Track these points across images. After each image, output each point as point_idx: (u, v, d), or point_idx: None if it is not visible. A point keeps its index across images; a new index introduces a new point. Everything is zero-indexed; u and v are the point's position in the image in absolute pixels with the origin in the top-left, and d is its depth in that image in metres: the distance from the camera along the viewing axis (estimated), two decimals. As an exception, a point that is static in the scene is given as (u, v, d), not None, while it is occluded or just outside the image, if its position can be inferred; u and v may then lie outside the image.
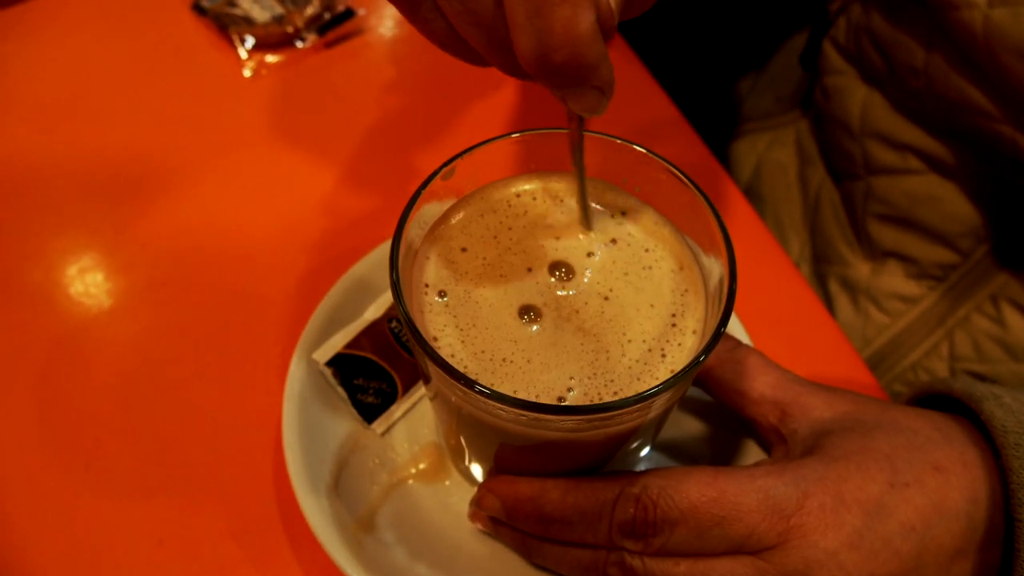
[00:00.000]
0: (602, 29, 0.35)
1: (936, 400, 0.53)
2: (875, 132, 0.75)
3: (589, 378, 0.43)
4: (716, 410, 0.59)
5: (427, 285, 0.45)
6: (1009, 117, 0.61)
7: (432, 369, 0.42)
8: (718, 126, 0.98)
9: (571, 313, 0.45)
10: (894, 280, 0.78)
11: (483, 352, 0.43)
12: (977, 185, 0.69)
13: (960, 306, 0.73)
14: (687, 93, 0.85)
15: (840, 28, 0.78)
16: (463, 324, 0.44)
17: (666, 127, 0.79)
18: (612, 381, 0.43)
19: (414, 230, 0.45)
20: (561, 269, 0.46)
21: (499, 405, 0.39)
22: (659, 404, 0.42)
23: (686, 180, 0.46)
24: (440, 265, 0.46)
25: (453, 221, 0.48)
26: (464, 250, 0.47)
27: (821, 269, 0.84)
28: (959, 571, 0.46)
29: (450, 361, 0.40)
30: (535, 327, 0.44)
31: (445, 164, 0.45)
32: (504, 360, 0.43)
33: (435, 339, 0.43)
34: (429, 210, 0.47)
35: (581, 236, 0.48)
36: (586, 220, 0.48)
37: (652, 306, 0.45)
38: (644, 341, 0.44)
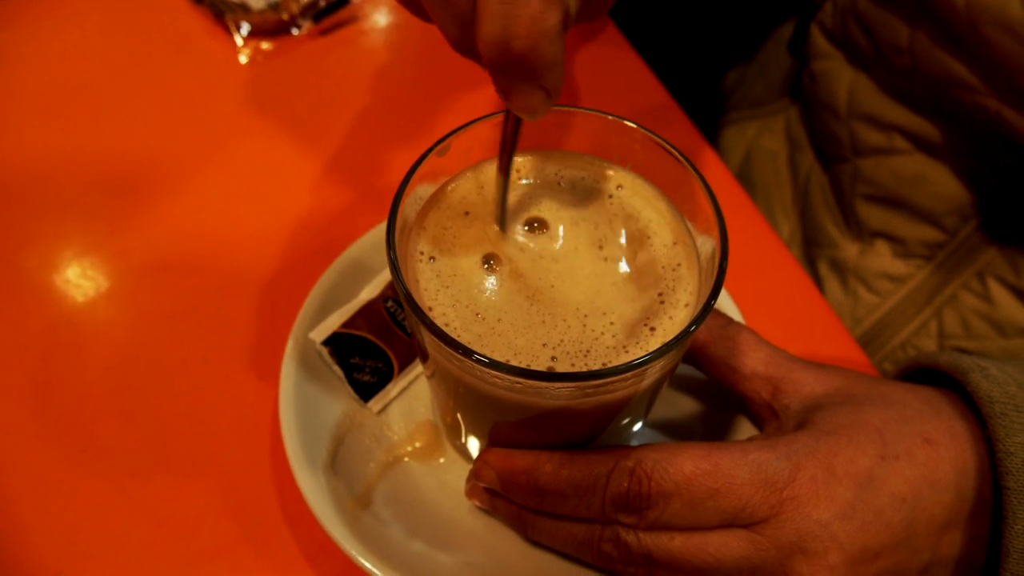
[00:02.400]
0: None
1: (924, 375, 0.53)
2: (862, 114, 0.75)
3: (580, 349, 0.43)
4: (709, 388, 0.60)
5: (422, 252, 0.46)
6: (992, 89, 0.62)
7: (429, 340, 0.43)
8: (709, 115, 0.99)
9: (565, 283, 0.45)
10: (882, 260, 0.78)
11: (478, 316, 0.44)
12: (962, 163, 0.70)
13: (948, 284, 0.74)
14: (678, 83, 0.86)
15: (827, 12, 0.78)
16: (460, 297, 0.44)
17: (658, 112, 0.80)
18: (603, 352, 0.43)
19: (410, 204, 0.46)
20: (556, 241, 0.47)
21: (495, 373, 0.39)
22: (651, 374, 0.43)
23: (679, 156, 0.46)
24: (436, 233, 0.47)
25: (449, 192, 0.49)
26: (465, 212, 0.47)
27: (811, 251, 0.85)
28: (949, 541, 0.47)
29: (445, 330, 0.41)
30: (530, 294, 0.44)
31: (440, 141, 0.46)
32: (493, 328, 0.43)
33: (430, 309, 0.44)
34: (424, 189, 0.47)
35: (586, 243, 0.48)
36: (502, 222, 0.47)
37: (645, 279, 0.46)
38: (635, 313, 0.45)
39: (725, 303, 0.62)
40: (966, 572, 0.47)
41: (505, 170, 0.45)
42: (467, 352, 0.39)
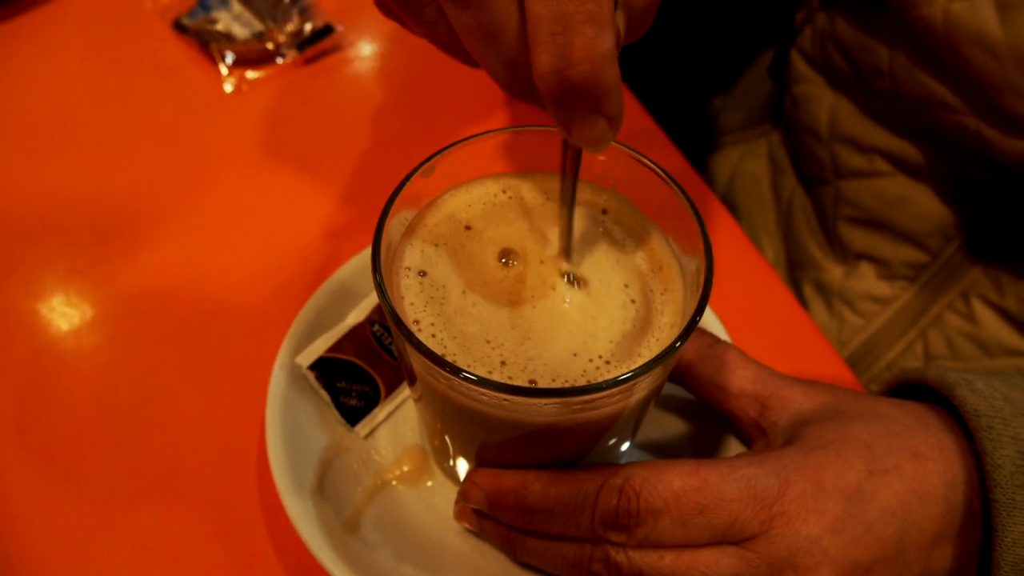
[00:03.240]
0: None
1: (910, 392, 0.54)
2: (843, 137, 0.76)
3: (565, 367, 0.43)
4: (696, 408, 0.60)
5: (408, 268, 0.46)
6: (972, 109, 0.63)
7: (415, 358, 0.43)
8: (693, 142, 1.00)
9: (550, 306, 0.45)
10: (866, 282, 0.79)
11: (463, 333, 0.44)
12: (944, 184, 0.71)
13: (932, 305, 0.75)
14: (663, 112, 0.87)
15: (806, 37, 0.80)
16: (447, 315, 0.44)
17: (642, 136, 0.81)
18: (589, 371, 0.43)
19: (395, 225, 0.46)
20: (540, 263, 0.47)
21: (481, 390, 0.39)
22: (638, 390, 0.43)
23: (664, 176, 0.47)
24: (422, 250, 0.47)
25: (431, 216, 0.49)
26: (437, 245, 0.47)
27: (795, 274, 0.86)
28: (940, 556, 0.46)
29: (429, 343, 0.41)
30: (515, 313, 0.45)
31: (425, 161, 0.46)
32: (479, 346, 0.43)
33: (416, 322, 0.44)
34: (408, 210, 0.48)
35: (564, 265, 0.48)
36: (567, 253, 0.47)
37: (632, 303, 0.46)
38: (621, 333, 0.45)
39: (712, 323, 0.62)
40: (957, 587, 0.47)
41: (569, 202, 0.45)
42: (454, 370, 0.39)
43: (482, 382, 0.39)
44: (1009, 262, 0.69)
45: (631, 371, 0.39)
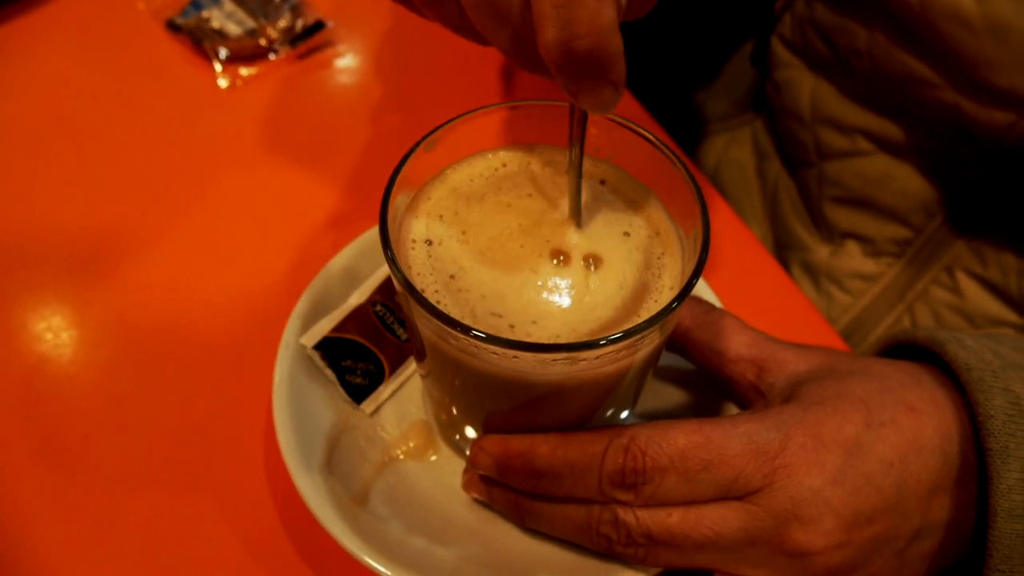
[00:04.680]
0: None
1: (901, 354, 0.55)
2: (825, 118, 0.78)
3: (568, 326, 0.44)
4: (694, 379, 0.61)
5: (414, 240, 0.47)
6: (950, 83, 0.65)
7: (425, 324, 0.44)
8: (677, 133, 1.01)
9: (554, 271, 0.46)
10: (853, 260, 0.81)
11: (471, 297, 0.45)
12: (925, 161, 0.73)
13: (918, 280, 0.77)
14: (646, 103, 0.88)
15: (786, 24, 0.82)
16: (453, 280, 0.45)
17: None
18: (592, 333, 0.44)
19: (400, 200, 0.47)
20: (542, 230, 0.48)
21: (493, 348, 0.40)
22: (642, 346, 0.44)
23: (658, 143, 0.48)
24: (427, 220, 0.48)
25: (435, 190, 0.50)
26: (442, 216, 0.49)
27: (783, 256, 0.87)
28: (938, 506, 0.48)
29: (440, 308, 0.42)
30: (520, 279, 0.46)
31: (427, 135, 0.47)
32: (494, 308, 0.44)
33: (423, 291, 0.45)
34: (411, 186, 0.49)
35: (572, 232, 0.49)
36: (577, 217, 0.49)
37: (632, 267, 0.47)
38: (623, 299, 0.46)
39: (707, 296, 0.63)
40: (956, 536, 0.49)
41: (577, 166, 0.46)
42: (465, 329, 0.40)
43: (492, 339, 0.40)
44: (991, 235, 0.71)
45: (636, 325, 0.40)
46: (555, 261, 0.46)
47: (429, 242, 0.47)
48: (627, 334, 0.40)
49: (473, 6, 0.38)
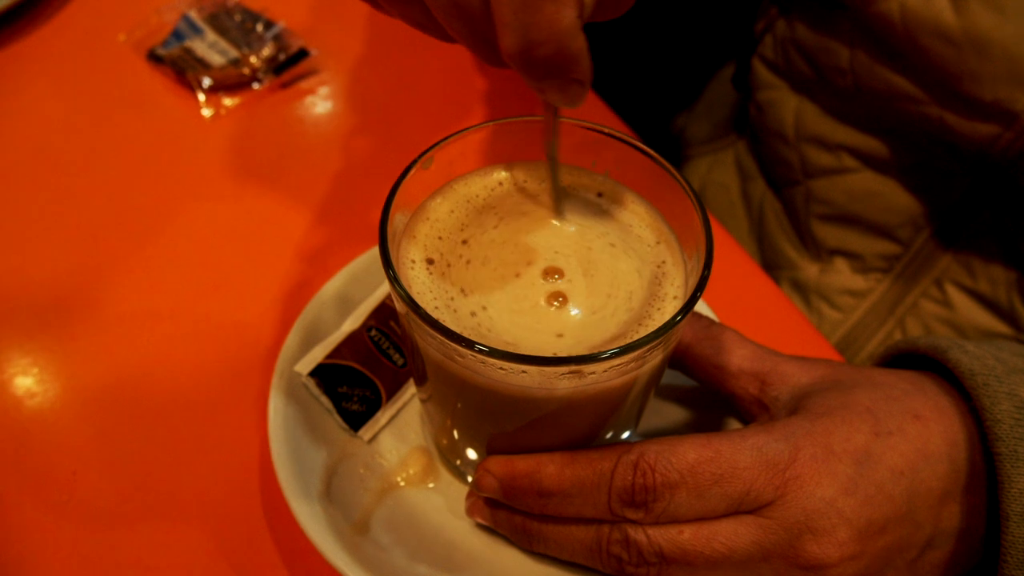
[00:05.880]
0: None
1: (902, 364, 0.55)
2: (809, 137, 0.79)
3: (573, 340, 0.44)
4: (695, 396, 0.60)
5: (413, 260, 0.46)
6: (933, 98, 0.66)
7: (426, 343, 0.43)
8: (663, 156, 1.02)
9: (557, 288, 0.46)
10: (842, 277, 0.81)
11: (472, 315, 0.44)
12: (911, 176, 0.74)
13: (908, 294, 0.77)
14: (629, 127, 0.89)
15: (767, 45, 0.83)
16: (454, 299, 0.45)
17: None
18: (596, 347, 0.44)
19: (397, 220, 0.46)
20: (544, 246, 0.48)
21: (499, 362, 0.39)
22: (648, 359, 0.43)
23: (655, 156, 0.48)
24: (425, 240, 0.47)
25: (434, 206, 0.49)
26: (441, 237, 0.48)
27: (772, 275, 0.88)
28: (949, 514, 0.47)
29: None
30: (522, 296, 0.45)
31: (425, 152, 0.47)
32: (488, 326, 0.44)
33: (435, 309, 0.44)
34: (408, 206, 0.48)
35: (554, 222, 0.49)
36: (556, 208, 0.49)
37: (634, 275, 0.47)
38: (628, 310, 0.45)
39: (704, 312, 0.63)
40: (967, 544, 0.48)
41: (553, 159, 0.47)
42: (469, 344, 0.39)
43: (500, 354, 0.39)
44: (979, 247, 0.72)
45: (644, 336, 0.40)
46: (556, 277, 0.46)
47: (430, 261, 0.47)
48: (635, 345, 0.40)
49: (436, 6, 0.39)
